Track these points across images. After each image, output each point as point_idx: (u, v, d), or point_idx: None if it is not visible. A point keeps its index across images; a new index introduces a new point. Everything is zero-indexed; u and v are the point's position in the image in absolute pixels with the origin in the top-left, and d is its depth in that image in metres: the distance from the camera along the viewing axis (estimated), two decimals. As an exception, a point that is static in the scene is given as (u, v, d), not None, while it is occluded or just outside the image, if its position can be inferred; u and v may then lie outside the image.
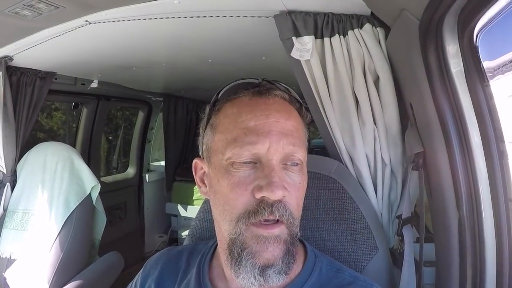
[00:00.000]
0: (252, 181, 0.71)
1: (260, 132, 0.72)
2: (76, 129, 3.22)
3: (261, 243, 0.70)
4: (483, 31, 0.82)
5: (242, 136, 0.73)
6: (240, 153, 0.72)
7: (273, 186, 0.68)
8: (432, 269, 1.09)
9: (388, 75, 1.15)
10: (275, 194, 0.68)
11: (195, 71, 2.46)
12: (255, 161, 0.73)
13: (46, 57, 1.92)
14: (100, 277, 2.05)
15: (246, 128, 0.73)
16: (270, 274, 0.70)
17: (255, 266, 0.70)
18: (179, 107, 4.05)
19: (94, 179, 2.10)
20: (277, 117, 0.74)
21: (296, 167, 0.75)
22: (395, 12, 1.00)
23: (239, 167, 0.72)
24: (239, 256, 0.72)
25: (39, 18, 1.32)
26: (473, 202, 0.89)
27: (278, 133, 0.73)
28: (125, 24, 1.40)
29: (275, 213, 0.69)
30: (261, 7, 1.24)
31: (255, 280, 0.71)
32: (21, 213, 2.04)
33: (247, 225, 0.71)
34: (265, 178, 0.70)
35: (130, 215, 3.72)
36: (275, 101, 0.78)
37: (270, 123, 0.73)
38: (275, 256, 0.71)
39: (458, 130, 0.89)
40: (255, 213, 0.70)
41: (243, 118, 0.74)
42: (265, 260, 0.70)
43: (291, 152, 0.73)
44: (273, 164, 0.71)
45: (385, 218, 1.22)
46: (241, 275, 0.72)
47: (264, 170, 0.71)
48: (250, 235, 0.71)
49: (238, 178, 0.72)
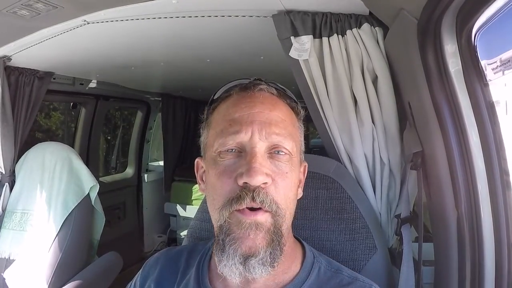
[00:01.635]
0: (236, 168, 0.73)
1: (244, 121, 0.75)
2: (75, 129, 3.22)
3: (243, 230, 0.71)
4: (481, 31, 0.82)
5: (228, 127, 0.75)
6: (225, 142, 0.74)
7: (252, 171, 0.69)
8: (431, 268, 1.09)
9: (386, 74, 1.15)
10: (254, 179, 0.69)
11: (194, 70, 2.46)
12: (239, 150, 0.74)
13: (45, 57, 1.91)
14: (99, 277, 2.05)
15: (231, 120, 0.76)
16: (253, 264, 0.70)
17: (236, 252, 0.70)
18: (178, 107, 4.05)
19: (93, 179, 2.10)
20: (261, 108, 0.77)
21: (283, 156, 0.76)
22: (393, 11, 1.00)
23: (224, 156, 0.75)
24: (223, 243, 0.72)
25: (37, 17, 1.32)
26: (471, 201, 0.89)
27: (261, 123, 0.75)
28: (124, 24, 1.40)
29: (256, 199, 0.70)
30: (259, 6, 1.24)
31: (235, 268, 0.71)
32: (19, 213, 2.04)
33: (231, 212, 0.72)
34: (246, 164, 0.71)
35: (129, 215, 3.72)
36: (261, 94, 0.80)
37: (254, 114, 0.76)
38: (257, 244, 0.71)
39: (456, 130, 0.90)
40: (237, 199, 0.71)
41: (229, 111, 0.78)
42: (247, 247, 0.70)
43: (276, 141, 0.75)
44: (255, 151, 0.72)
45: (384, 217, 1.22)
46: (223, 262, 0.72)
47: (246, 157, 0.72)
48: (234, 221, 0.72)
49: (223, 166, 0.74)
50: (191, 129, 4.29)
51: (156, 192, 4.16)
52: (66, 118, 4.37)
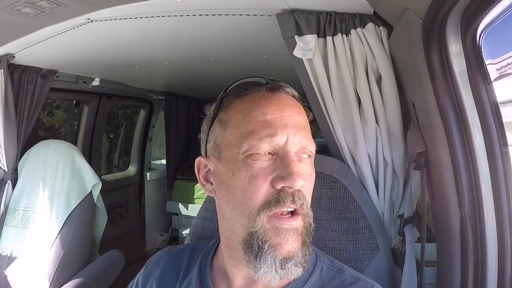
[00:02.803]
0: (271, 171, 0.72)
1: (278, 125, 0.74)
2: (78, 127, 3.22)
3: (281, 235, 0.71)
4: (486, 31, 0.82)
5: (260, 129, 0.74)
6: (259, 145, 0.73)
7: (296, 175, 0.70)
8: (433, 269, 1.09)
9: (390, 74, 1.15)
10: (297, 183, 0.70)
11: (197, 69, 2.46)
12: (273, 152, 0.74)
13: (48, 55, 1.91)
14: (100, 275, 2.05)
15: (263, 121, 0.75)
16: (290, 267, 0.71)
17: (276, 259, 0.71)
18: (181, 105, 4.05)
19: (95, 177, 2.10)
20: (291, 111, 0.77)
21: (308, 159, 0.78)
22: (398, 11, 1.00)
23: (257, 158, 0.73)
24: (259, 250, 0.72)
25: (41, 15, 1.32)
26: (475, 202, 0.89)
27: (294, 126, 0.75)
28: (127, 22, 1.40)
29: (296, 202, 0.71)
30: (263, 5, 1.24)
31: (276, 273, 0.71)
32: (22, 211, 2.04)
33: (268, 217, 0.71)
34: (286, 168, 0.71)
35: (131, 213, 3.72)
36: (287, 97, 0.80)
37: (286, 117, 0.75)
38: (295, 248, 0.72)
39: (460, 130, 0.89)
40: (276, 203, 0.71)
41: (258, 112, 0.76)
42: (286, 252, 0.71)
43: (305, 144, 0.76)
44: (291, 156, 0.73)
45: (387, 217, 1.22)
46: (262, 269, 0.72)
47: (283, 161, 0.72)
48: (271, 227, 0.72)
49: (257, 169, 0.73)
50: (194, 128, 4.28)
51: (158, 191, 4.15)
52: (69, 116, 4.38)
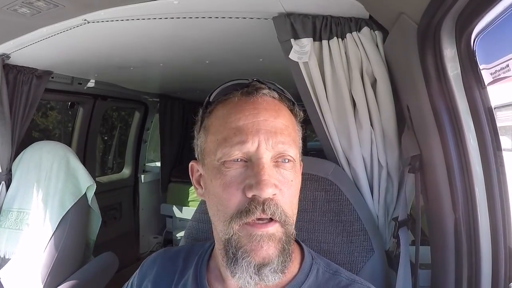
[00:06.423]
0: (243, 180, 0.71)
1: (249, 131, 0.73)
2: (72, 128, 3.21)
3: (255, 242, 0.70)
4: (480, 36, 0.83)
5: (232, 136, 0.73)
6: (230, 152, 0.72)
7: (262, 184, 0.68)
8: (428, 271, 1.10)
9: (385, 78, 1.16)
10: (265, 192, 0.68)
11: (192, 72, 2.46)
12: (245, 159, 0.73)
13: (44, 56, 1.91)
14: (94, 278, 2.04)
15: (235, 128, 0.74)
16: (266, 273, 0.70)
17: (250, 264, 0.70)
18: (176, 108, 4.05)
19: (90, 178, 2.10)
20: (266, 115, 0.75)
21: (287, 164, 0.75)
22: (393, 15, 1.01)
23: (230, 166, 0.73)
24: (234, 256, 0.72)
25: (37, 16, 1.32)
26: (469, 205, 0.90)
27: (267, 132, 0.73)
28: (123, 24, 1.40)
29: (266, 211, 0.69)
30: (260, 9, 1.24)
31: (251, 279, 0.70)
32: (16, 212, 2.03)
33: (240, 225, 0.71)
34: (255, 176, 0.70)
35: (125, 215, 3.71)
36: (264, 99, 0.78)
37: (259, 122, 0.74)
38: (270, 254, 0.70)
39: (454, 133, 0.90)
40: (247, 212, 0.70)
41: (232, 118, 0.75)
42: (260, 258, 0.70)
43: (282, 150, 0.73)
44: (262, 163, 0.71)
45: (381, 220, 1.23)
46: (237, 275, 0.71)
47: (254, 168, 0.71)
48: (244, 234, 0.71)
49: (230, 177, 0.72)
50: (189, 131, 4.24)
51: (152, 193, 4.15)
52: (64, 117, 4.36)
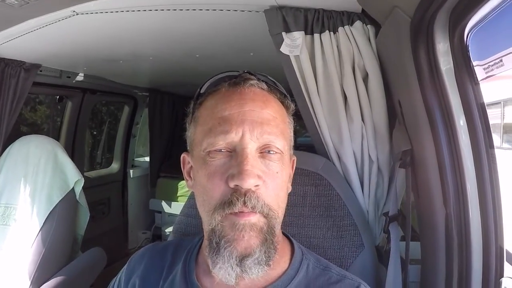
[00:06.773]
0: (226, 170, 0.71)
1: (234, 121, 0.72)
2: (60, 123, 3.16)
3: (237, 231, 0.69)
4: (473, 30, 0.83)
5: (217, 126, 0.73)
6: (214, 142, 0.72)
7: (244, 174, 0.68)
8: (418, 266, 1.10)
9: (377, 72, 1.15)
10: (246, 183, 0.68)
11: (182, 65, 2.44)
12: (230, 150, 0.73)
13: (32, 48, 1.87)
14: (82, 273, 2.02)
15: (220, 118, 0.74)
16: (249, 264, 0.69)
17: (232, 255, 0.69)
18: (165, 102, 4.02)
19: (78, 173, 2.07)
20: (252, 106, 0.75)
21: (274, 156, 0.74)
22: (386, 9, 1.00)
23: (214, 156, 0.73)
24: (217, 245, 0.71)
25: (25, 6, 1.28)
26: (460, 200, 0.90)
27: (252, 122, 0.73)
28: (113, 16, 1.38)
29: (247, 204, 0.69)
30: (251, 1, 1.23)
31: (232, 270, 0.70)
32: (3, 207, 1.99)
33: (223, 216, 0.70)
34: (238, 166, 0.69)
35: (113, 210, 3.68)
36: (251, 90, 0.77)
37: (245, 112, 0.73)
38: (251, 244, 0.70)
39: (446, 128, 0.90)
40: (229, 204, 0.69)
41: (218, 109, 0.75)
42: (242, 248, 0.69)
43: (267, 141, 0.73)
44: (246, 153, 0.70)
45: (372, 215, 1.23)
46: (218, 265, 0.71)
47: (237, 158, 0.71)
48: (227, 224, 0.70)
49: (214, 167, 0.72)
50: (178, 125, 4.24)
51: (141, 188, 4.12)
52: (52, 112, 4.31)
